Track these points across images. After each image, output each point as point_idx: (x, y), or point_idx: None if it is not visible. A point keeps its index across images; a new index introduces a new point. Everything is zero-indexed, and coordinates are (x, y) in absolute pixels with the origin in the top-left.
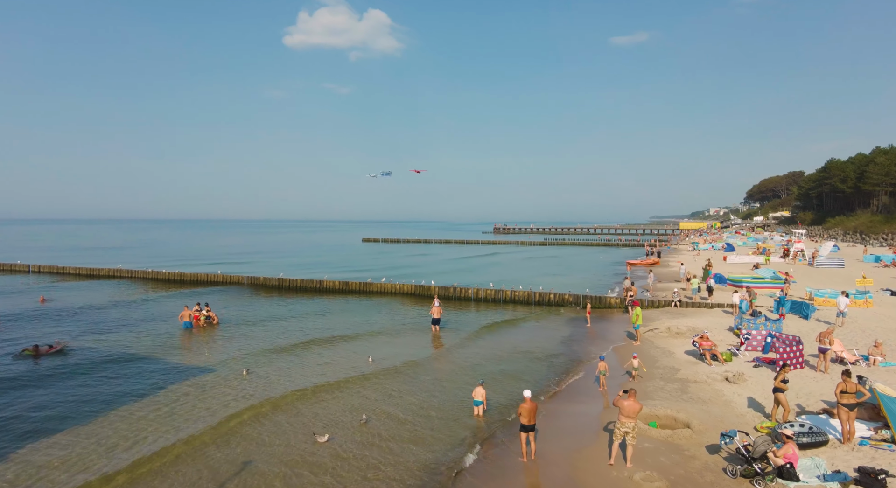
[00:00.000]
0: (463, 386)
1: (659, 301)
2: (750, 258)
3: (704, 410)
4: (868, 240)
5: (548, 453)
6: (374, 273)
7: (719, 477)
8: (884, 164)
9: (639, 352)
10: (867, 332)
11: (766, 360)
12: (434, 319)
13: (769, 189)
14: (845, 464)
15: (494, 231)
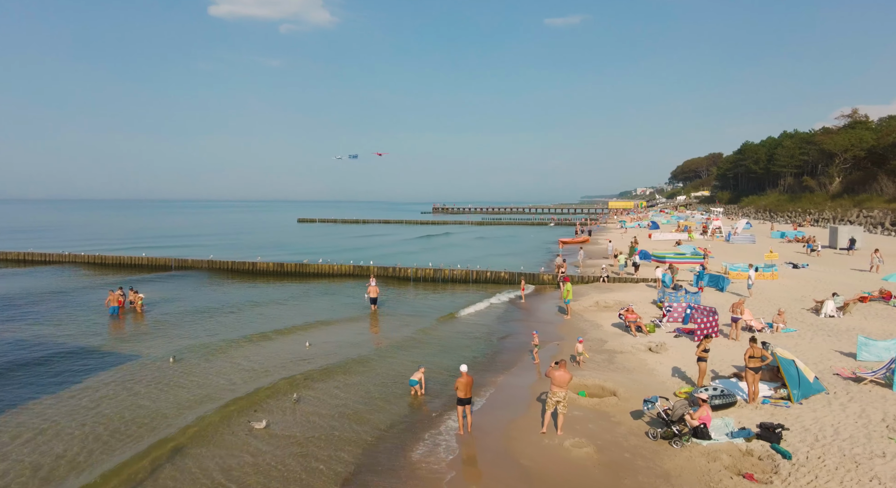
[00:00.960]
0: (401, 365)
1: (588, 277)
2: (673, 235)
3: (630, 379)
4: (775, 218)
5: (484, 424)
6: (311, 254)
7: (642, 440)
8: (789, 147)
9: (569, 325)
10: (772, 302)
11: (685, 331)
12: (371, 299)
13: (691, 170)
14: (750, 422)
15: (433, 211)
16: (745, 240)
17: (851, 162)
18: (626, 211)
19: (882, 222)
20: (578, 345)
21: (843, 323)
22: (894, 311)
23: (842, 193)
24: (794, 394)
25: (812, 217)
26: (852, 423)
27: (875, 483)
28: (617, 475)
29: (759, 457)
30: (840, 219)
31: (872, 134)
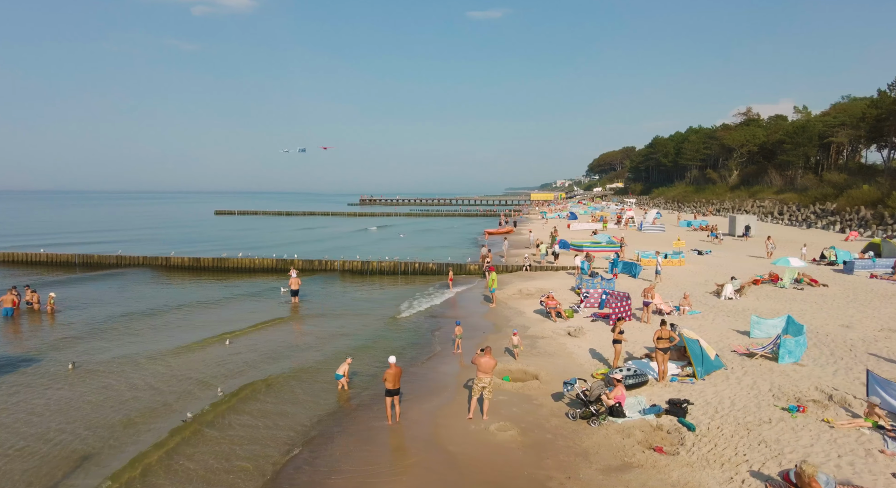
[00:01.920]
0: (327, 359)
1: (513, 266)
2: (590, 225)
3: (551, 362)
4: (682, 208)
5: (412, 414)
6: (229, 248)
7: (563, 421)
8: (695, 142)
9: (494, 313)
10: (680, 287)
11: (601, 315)
12: (292, 291)
13: (607, 162)
14: (659, 398)
15: (361, 202)
16: (656, 230)
17: (747, 156)
18: (547, 202)
19: (772, 211)
20: (514, 338)
21: (740, 304)
22: (782, 292)
23: (739, 185)
24: (698, 371)
25: (714, 207)
26: (745, 395)
27: (763, 446)
28: (539, 455)
29: (668, 431)
30: (738, 208)
31: (763, 131)
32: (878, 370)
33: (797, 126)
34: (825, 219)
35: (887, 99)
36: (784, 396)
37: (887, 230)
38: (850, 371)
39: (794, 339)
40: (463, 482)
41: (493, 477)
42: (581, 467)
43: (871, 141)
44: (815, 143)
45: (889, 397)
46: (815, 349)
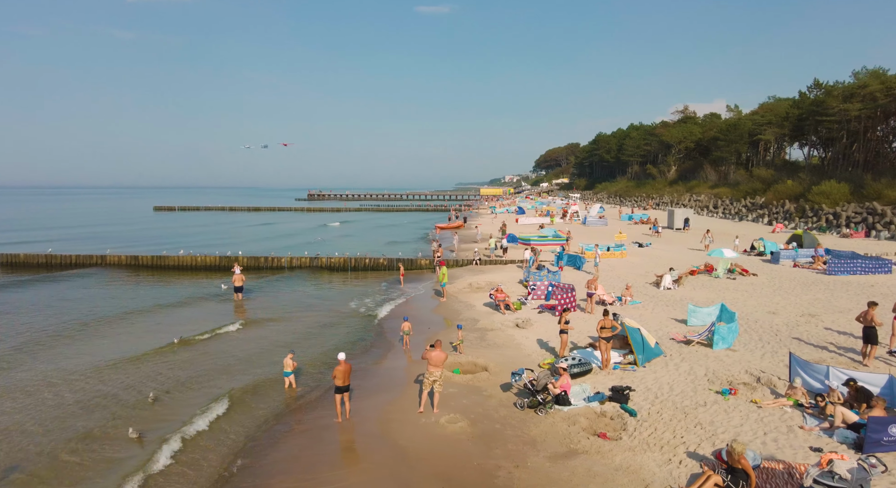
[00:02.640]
0: (275, 358)
1: (463, 260)
2: (537, 220)
3: (500, 354)
4: (624, 202)
5: (362, 410)
6: (169, 245)
7: (511, 411)
8: (636, 139)
9: (445, 307)
10: (622, 278)
11: (548, 307)
12: (236, 287)
13: (553, 158)
14: (603, 386)
15: (309, 197)
16: (599, 223)
17: (684, 152)
18: (496, 197)
19: (707, 205)
20: (459, 333)
21: (678, 293)
22: (716, 282)
23: (677, 180)
24: (639, 359)
25: (654, 201)
26: (683, 380)
27: (698, 428)
28: (488, 445)
29: (611, 417)
30: (676, 202)
31: (699, 128)
32: (799, 352)
33: (729, 124)
34: (755, 212)
35: (807, 100)
36: (718, 380)
37: (808, 222)
38: (775, 354)
39: (726, 326)
40: (412, 475)
41: (443, 468)
42: (529, 455)
43: (794, 139)
44: (746, 141)
45: (808, 377)
46: (746, 335)
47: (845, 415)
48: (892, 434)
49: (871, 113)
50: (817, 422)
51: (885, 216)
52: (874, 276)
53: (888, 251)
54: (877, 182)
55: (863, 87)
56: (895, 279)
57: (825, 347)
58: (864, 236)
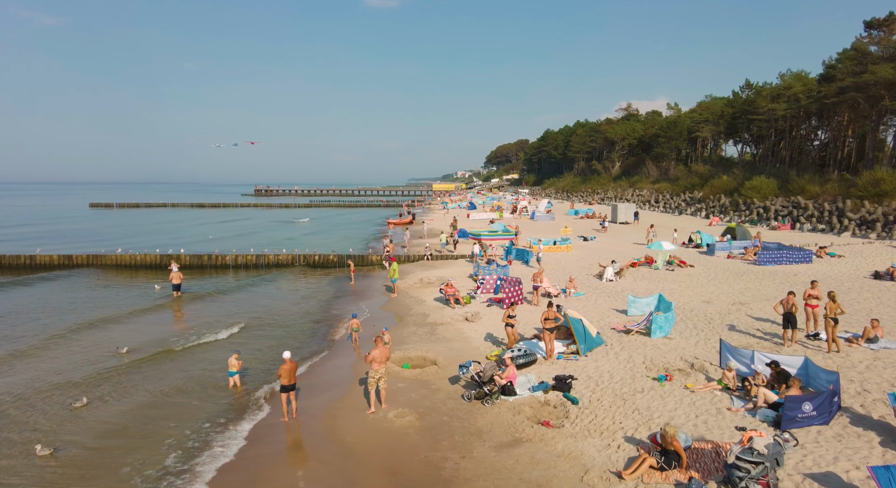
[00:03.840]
0: (217, 357)
1: (414, 255)
2: (488, 215)
3: (449, 347)
4: (571, 198)
5: (309, 408)
6: (108, 244)
7: (458, 403)
8: (582, 135)
9: (395, 303)
10: (566, 271)
11: (496, 300)
12: (174, 285)
13: (503, 154)
14: (547, 376)
15: (256, 193)
16: (547, 218)
17: (627, 149)
18: (448, 193)
19: (649, 200)
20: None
21: (619, 285)
22: (656, 273)
23: (621, 175)
24: (581, 348)
25: (599, 196)
26: (622, 368)
27: (636, 413)
28: (436, 437)
29: (554, 406)
30: (619, 197)
31: (642, 125)
32: (729, 338)
33: (670, 121)
34: (693, 206)
35: (739, 99)
36: (655, 367)
37: (741, 215)
38: (708, 341)
39: (663, 316)
40: (359, 470)
41: (391, 463)
42: (475, 446)
43: (728, 136)
44: (685, 138)
45: (736, 362)
46: (682, 323)
47: (766, 396)
48: (805, 410)
49: (795, 113)
50: (742, 403)
51: (807, 209)
52: (797, 266)
53: (810, 242)
54: (800, 178)
55: (788, 89)
56: (815, 268)
57: (752, 333)
58: (790, 228)
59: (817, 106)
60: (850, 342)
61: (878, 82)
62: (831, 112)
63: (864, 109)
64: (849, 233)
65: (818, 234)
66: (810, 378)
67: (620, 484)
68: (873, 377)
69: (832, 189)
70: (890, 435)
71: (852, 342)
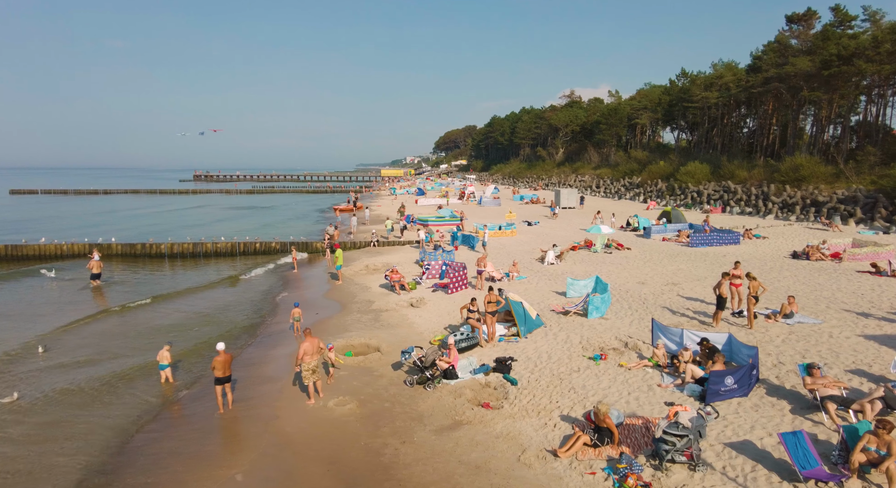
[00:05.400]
0: (148, 351)
1: (360, 242)
2: (435, 200)
3: (393, 333)
4: (517, 183)
5: (247, 399)
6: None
7: (401, 389)
8: (527, 122)
9: (340, 290)
10: (511, 255)
11: (441, 285)
12: (93, 274)
13: (451, 140)
14: (488, 358)
15: (195, 179)
16: (493, 204)
17: (570, 135)
18: (397, 178)
19: (591, 185)
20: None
21: (560, 268)
22: (595, 256)
23: (564, 161)
24: (521, 331)
25: (543, 182)
26: (560, 348)
27: (572, 392)
28: (376, 424)
29: (494, 387)
30: (563, 183)
31: (584, 112)
32: (662, 317)
33: (610, 108)
34: (632, 191)
35: (675, 88)
36: (591, 347)
37: (677, 200)
38: (642, 321)
39: (600, 297)
40: (297, 461)
41: (330, 451)
42: (416, 430)
43: (666, 123)
44: (625, 124)
45: (666, 340)
46: (617, 304)
47: (693, 372)
48: (728, 384)
49: (726, 101)
50: (672, 380)
51: (736, 193)
52: (726, 247)
53: (738, 224)
54: (731, 163)
55: (719, 78)
56: (742, 249)
57: (683, 312)
58: (721, 212)
59: (746, 95)
60: (769, 318)
61: (798, 74)
62: (758, 101)
63: (787, 99)
64: (772, 215)
65: (746, 217)
66: (733, 353)
67: (556, 461)
68: (788, 350)
69: (758, 174)
70: (799, 402)
71: (771, 318)
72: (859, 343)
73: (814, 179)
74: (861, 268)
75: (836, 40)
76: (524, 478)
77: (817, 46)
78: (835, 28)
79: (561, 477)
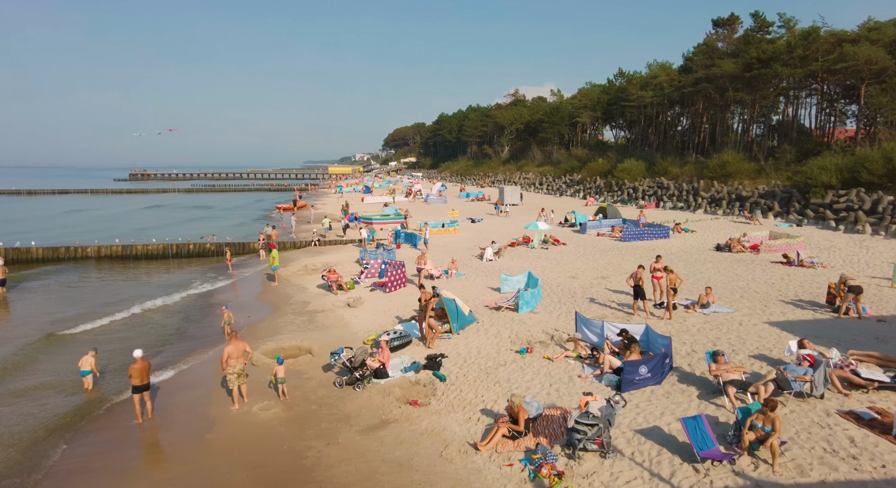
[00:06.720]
0: (68, 357)
1: (301, 242)
2: (382, 198)
3: (326, 335)
4: (465, 181)
5: (169, 407)
6: None
7: (330, 390)
8: (474, 120)
9: (274, 292)
10: (452, 252)
11: (380, 284)
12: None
13: (401, 137)
14: (420, 356)
15: (130, 178)
16: (440, 201)
17: (516, 133)
18: (345, 176)
19: (534, 182)
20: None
21: (497, 264)
22: (532, 252)
23: (510, 159)
24: (454, 327)
25: (490, 179)
26: (490, 343)
27: (497, 386)
28: (301, 427)
29: (424, 385)
30: (508, 180)
31: (528, 111)
32: (588, 310)
33: (553, 107)
34: (573, 187)
35: (614, 87)
36: (519, 341)
37: (614, 196)
38: (569, 314)
39: (530, 292)
40: (219, 468)
41: (252, 457)
42: (342, 431)
43: (605, 121)
44: (567, 123)
45: (589, 332)
46: (548, 298)
47: (611, 362)
48: (642, 373)
49: (661, 100)
50: (592, 370)
51: (669, 189)
52: (657, 241)
53: (670, 219)
54: (664, 160)
55: (654, 78)
56: (671, 242)
57: (609, 305)
58: (655, 207)
59: (678, 95)
60: (688, 308)
61: (724, 75)
62: (690, 100)
63: (715, 99)
64: (702, 210)
65: (678, 212)
66: (650, 343)
67: (476, 455)
68: (701, 338)
69: (689, 170)
70: (706, 388)
71: (690, 308)
72: (764, 329)
73: (739, 175)
74: (775, 259)
75: (756, 44)
76: (445, 473)
77: (740, 50)
78: (755, 33)
79: (480, 470)
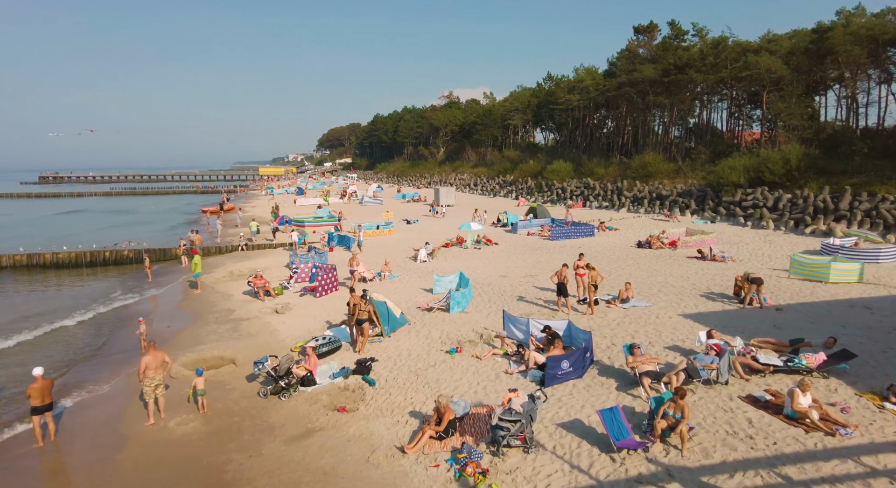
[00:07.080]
0: None
1: (227, 246)
2: (315, 200)
3: (252, 343)
4: (401, 182)
5: (75, 427)
6: None
7: (254, 401)
8: (409, 121)
9: (196, 300)
10: (386, 254)
11: (311, 289)
12: None
13: (336, 138)
14: (350, 361)
15: (40, 180)
16: (375, 203)
17: (451, 135)
18: (277, 177)
19: (469, 183)
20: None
21: (431, 265)
22: (465, 252)
23: (445, 160)
24: (385, 330)
25: (426, 180)
26: (421, 344)
27: (426, 387)
28: (222, 440)
29: (353, 390)
30: (444, 181)
31: (462, 113)
32: (517, 307)
33: (486, 110)
34: (506, 188)
35: (543, 91)
36: (449, 341)
37: (544, 196)
38: (498, 312)
39: (461, 292)
40: None
41: (166, 475)
42: (265, 443)
43: (536, 124)
44: (499, 125)
45: (515, 330)
46: (479, 297)
47: (535, 358)
48: (564, 368)
49: (587, 104)
50: (517, 367)
51: (595, 189)
52: (582, 239)
53: (595, 218)
54: (591, 161)
55: (581, 82)
56: (596, 240)
57: (536, 302)
58: (582, 206)
59: (604, 98)
60: (609, 303)
61: (645, 80)
62: (614, 104)
63: (637, 102)
64: (625, 208)
65: (603, 211)
66: (573, 338)
67: (403, 458)
68: (621, 332)
69: (614, 171)
70: (624, 380)
71: (611, 303)
72: (679, 322)
73: (659, 175)
74: (690, 254)
75: (672, 51)
76: (371, 479)
77: (659, 56)
78: (672, 40)
79: (407, 473)
